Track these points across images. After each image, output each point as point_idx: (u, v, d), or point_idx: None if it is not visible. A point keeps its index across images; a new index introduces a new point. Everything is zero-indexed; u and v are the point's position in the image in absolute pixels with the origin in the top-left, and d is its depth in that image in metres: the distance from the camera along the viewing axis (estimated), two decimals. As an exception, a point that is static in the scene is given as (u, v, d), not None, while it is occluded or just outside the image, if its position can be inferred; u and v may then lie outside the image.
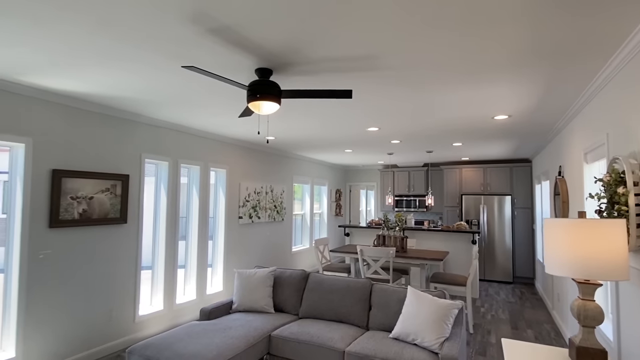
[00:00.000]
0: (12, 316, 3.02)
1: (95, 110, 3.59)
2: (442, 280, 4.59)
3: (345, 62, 2.44)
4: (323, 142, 5.85)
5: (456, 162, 8.27)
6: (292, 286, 3.63)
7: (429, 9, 1.76)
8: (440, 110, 3.70)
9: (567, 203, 3.95)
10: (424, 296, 2.91)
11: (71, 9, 1.78)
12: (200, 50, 2.28)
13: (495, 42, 2.11)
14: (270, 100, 2.51)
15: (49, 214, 3.22)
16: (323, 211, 8.90)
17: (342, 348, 2.75)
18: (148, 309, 4.23)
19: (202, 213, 4.98)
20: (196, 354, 2.50)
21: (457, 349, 2.50)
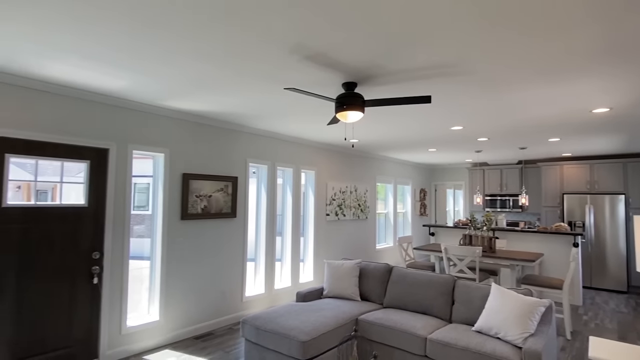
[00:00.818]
0: (157, 291, 3.88)
1: (212, 124, 4.37)
2: (535, 282, 4.41)
3: (424, 70, 2.66)
4: (405, 143, 6.00)
5: (556, 158, 7.61)
6: (377, 278, 3.92)
7: (513, 19, 1.91)
8: (528, 107, 3.62)
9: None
10: (508, 293, 2.95)
11: (203, 56, 2.37)
12: (295, 73, 2.74)
13: (576, 42, 2.13)
14: (355, 110, 2.86)
15: (180, 209, 4.05)
16: (407, 210, 8.95)
17: (425, 335, 2.96)
18: (252, 292, 4.93)
19: (295, 211, 5.57)
20: (295, 328, 2.96)
21: (542, 345, 2.52)
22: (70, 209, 3.23)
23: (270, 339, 3.00)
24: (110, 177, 3.46)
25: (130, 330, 3.60)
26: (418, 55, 2.39)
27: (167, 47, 2.31)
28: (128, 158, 3.60)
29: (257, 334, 3.10)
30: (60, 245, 3.15)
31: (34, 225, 3.02)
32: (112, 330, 3.46)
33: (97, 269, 3.36)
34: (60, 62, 2.58)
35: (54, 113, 3.13)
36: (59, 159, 3.17)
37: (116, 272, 3.50)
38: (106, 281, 3.42)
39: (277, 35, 2.11)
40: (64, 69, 2.71)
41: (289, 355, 2.87)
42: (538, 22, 1.92)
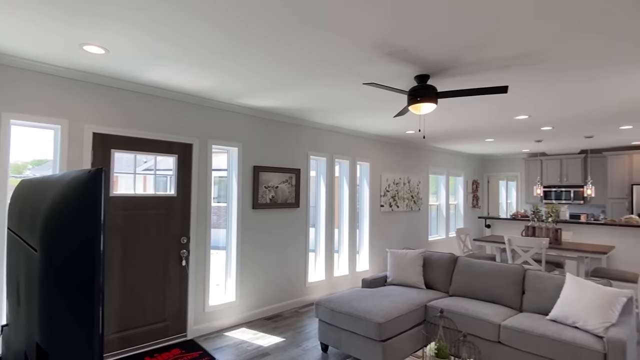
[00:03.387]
0: (233, 275, 4.21)
1: (278, 119, 4.61)
2: (606, 275, 4.27)
3: (499, 61, 2.69)
4: (465, 133, 5.94)
5: (624, 147, 7.16)
6: (442, 267, 3.99)
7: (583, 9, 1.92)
8: (603, 94, 3.50)
9: None
10: (586, 283, 2.93)
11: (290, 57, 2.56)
12: (372, 67, 2.86)
13: (675, 25, 2.08)
14: (428, 102, 2.94)
15: (252, 199, 4.35)
16: (459, 202, 8.82)
17: (498, 322, 3.01)
18: (314, 278, 5.17)
19: (352, 202, 5.73)
20: (370, 311, 3.13)
21: (626, 335, 2.50)
22: (163, 199, 3.60)
23: (345, 320, 3.19)
24: (194, 169, 3.80)
25: (212, 309, 3.95)
26: (496, 47, 2.42)
27: (257, 49, 2.52)
28: (208, 152, 3.93)
29: (332, 316, 3.31)
30: (155, 230, 3.53)
31: (134, 212, 3.41)
32: (197, 308, 3.83)
33: (185, 253, 3.72)
34: (158, 66, 2.89)
35: (147, 112, 3.49)
36: (153, 153, 3.53)
37: (200, 256, 3.85)
38: (192, 263, 3.78)
39: (363, 33, 2.25)
40: (160, 72, 3.03)
41: (365, 336, 3.05)
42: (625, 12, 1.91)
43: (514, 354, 2.89)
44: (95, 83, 3.17)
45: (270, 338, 3.80)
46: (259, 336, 3.84)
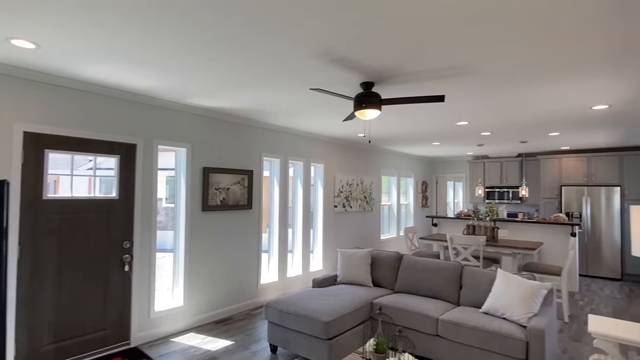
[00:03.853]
0: (181, 279, 4.11)
1: (230, 120, 4.56)
2: (535, 269, 4.68)
3: (439, 71, 2.87)
4: (411, 137, 6.21)
5: (555, 151, 7.86)
6: (388, 265, 4.17)
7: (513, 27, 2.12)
8: (533, 104, 3.84)
9: (680, 194, 3.75)
10: (513, 277, 3.20)
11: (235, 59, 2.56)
12: (318, 73, 2.93)
13: (578, 47, 2.35)
14: (373, 108, 3.06)
15: (201, 201, 4.26)
16: (409, 202, 9.21)
17: (436, 316, 3.21)
18: (266, 279, 5.17)
19: (306, 202, 5.79)
20: (317, 310, 3.21)
21: (545, 324, 2.77)
22: (104, 201, 3.43)
23: (294, 321, 3.24)
24: (139, 170, 3.66)
25: (158, 315, 3.83)
26: (435, 58, 2.59)
27: (201, 50, 2.50)
28: (154, 153, 3.80)
29: (281, 316, 3.34)
30: (95, 235, 3.36)
31: (71, 216, 3.22)
32: (141, 314, 3.69)
33: (128, 257, 3.58)
34: (95, 64, 2.76)
35: (87, 111, 3.31)
36: (92, 154, 3.36)
37: (144, 260, 3.72)
38: (136, 269, 3.64)
39: (308, 40, 2.31)
40: (101, 70, 2.90)
41: (312, 335, 3.12)
42: (543, 30, 2.13)
43: (451, 346, 3.09)
44: (26, 79, 2.96)
45: (219, 342, 3.75)
46: (207, 340, 3.79)
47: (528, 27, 2.08)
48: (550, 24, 2.03)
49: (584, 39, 2.23)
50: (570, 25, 2.05)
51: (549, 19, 1.98)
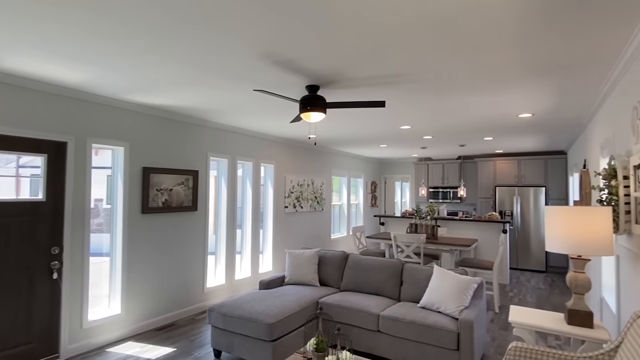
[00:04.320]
0: (118, 285, 3.88)
1: (173, 118, 4.39)
2: (470, 264, 5.03)
3: (381, 78, 2.99)
4: (360, 139, 6.39)
5: (490, 154, 8.48)
6: (334, 264, 4.26)
7: (449, 40, 2.27)
8: (466, 111, 4.13)
9: (589, 194, 4.24)
10: (447, 273, 3.42)
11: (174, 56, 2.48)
12: (263, 75, 2.93)
13: (503, 61, 2.57)
14: (318, 111, 3.12)
15: (141, 202, 4.06)
16: (359, 202, 9.46)
17: (378, 312, 3.34)
18: (213, 283, 5.05)
19: (255, 203, 5.73)
20: (262, 312, 3.20)
21: (474, 315, 3.00)
22: (28, 204, 3.15)
23: (238, 324, 3.20)
24: (70, 170, 3.40)
25: (92, 325, 3.59)
26: (376, 66, 2.70)
27: (137, 45, 2.39)
28: (87, 151, 3.56)
29: (225, 320, 3.29)
30: (17, 241, 3.07)
31: (-13, 220, 2.92)
32: (73, 325, 3.44)
33: (57, 264, 3.31)
34: (21, 55, 2.53)
35: (7, 105, 3.02)
36: (14, 152, 3.07)
37: (76, 267, 3.47)
38: (66, 276, 3.39)
39: (249, 42, 2.30)
40: (23, 61, 2.66)
41: (256, 338, 3.10)
42: (474, 43, 2.31)
43: (391, 341, 3.24)
44: None
45: (160, 349, 3.61)
46: (147, 349, 3.62)
47: (461, 40, 2.24)
48: (480, 38, 2.21)
49: (509, 54, 2.45)
50: (496, 40, 2.23)
51: (479, 33, 2.14)
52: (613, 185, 2.52)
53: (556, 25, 2.02)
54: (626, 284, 2.60)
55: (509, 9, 1.85)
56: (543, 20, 1.96)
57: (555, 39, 2.19)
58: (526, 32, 2.11)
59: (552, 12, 1.87)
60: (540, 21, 1.97)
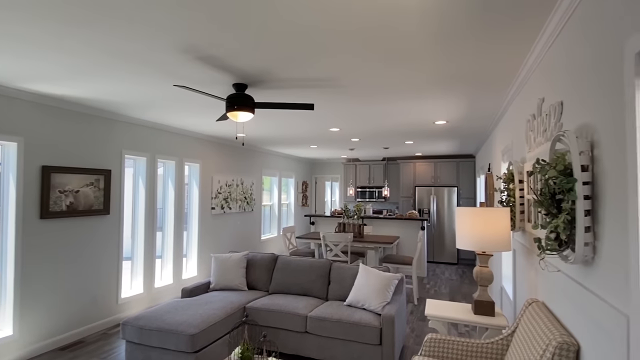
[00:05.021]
0: (9, 302, 3.35)
1: (81, 110, 3.91)
2: (392, 260, 5.33)
3: (309, 81, 3.00)
4: (290, 139, 6.38)
5: (411, 157, 9.09)
6: (263, 267, 4.19)
7: (374, 49, 2.36)
8: (389, 116, 4.35)
9: (492, 195, 4.77)
10: (371, 271, 3.58)
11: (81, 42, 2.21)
12: (185, 70, 2.75)
13: (421, 73, 2.76)
14: (245, 111, 3.02)
15: (39, 206, 3.55)
16: (290, 202, 9.46)
17: (305, 314, 3.36)
18: (129, 292, 4.63)
19: (178, 205, 5.39)
20: (183, 322, 3.01)
21: (395, 310, 3.18)
22: None
23: (156, 337, 2.97)
24: (-59, 170, 2.83)
25: (-28, 351, 3.05)
26: (305, 69, 2.70)
27: (38, 28, 2.08)
28: (-34, 147, 3.00)
29: (141, 334, 3.02)
30: None
31: None
32: (-55, 354, 2.88)
33: None
34: None
35: None
36: None
37: (-50, 285, 2.91)
38: (-64, 296, 2.82)
39: (166, 34, 2.13)
40: None
41: (176, 350, 2.91)
42: (394, 54, 2.43)
43: (318, 341, 3.28)
44: None
45: (63, 372, 3.20)
46: (46, 373, 3.18)
47: (382, 51, 2.34)
48: (401, 49, 2.32)
49: (426, 65, 2.63)
50: (415, 52, 2.38)
51: (398, 45, 2.25)
52: (511, 188, 2.85)
53: (466, 43, 2.22)
54: (521, 274, 2.97)
55: (425, 25, 1.98)
56: (455, 36, 2.13)
57: (466, 54, 2.40)
58: (441, 47, 2.28)
59: (461, 30, 2.04)
60: (453, 37, 2.15)
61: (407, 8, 1.80)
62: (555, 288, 1.92)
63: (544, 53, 2.14)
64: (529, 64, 2.45)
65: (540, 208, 1.60)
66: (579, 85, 1.58)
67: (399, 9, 1.80)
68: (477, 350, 2.27)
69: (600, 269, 1.35)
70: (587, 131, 1.48)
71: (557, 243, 1.52)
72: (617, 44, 1.22)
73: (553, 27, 1.89)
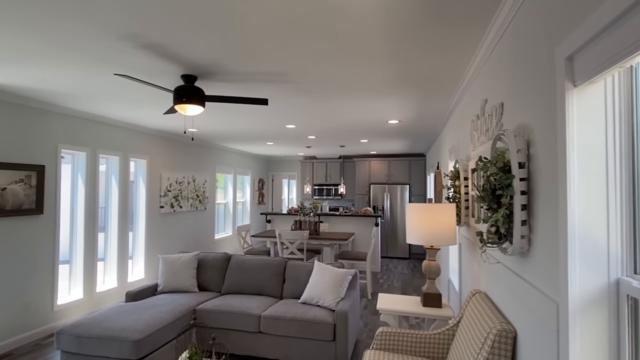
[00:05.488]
0: None
1: (10, 100, 3.53)
2: (347, 256, 5.40)
3: (263, 75, 2.93)
4: (245, 135, 6.24)
5: (366, 155, 9.28)
6: (215, 267, 4.05)
7: (328, 48, 2.34)
8: (344, 115, 4.39)
9: (441, 191, 4.99)
10: (326, 267, 3.59)
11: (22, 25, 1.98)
12: (129, 57, 2.57)
13: (374, 72, 2.80)
14: (195, 104, 2.89)
15: (-44, 205, 3.15)
16: (246, 200, 9.26)
17: (259, 313, 3.30)
18: (67, 298, 4.27)
19: (123, 204, 5.06)
20: (126, 328, 2.82)
21: (348, 306, 3.21)
22: None
23: (96, 345, 2.76)
24: None
25: None
26: (258, 63, 2.63)
27: (-54, 5, 1.82)
28: None
29: (79, 343, 2.79)
30: None
31: None
32: None
33: None
34: None
35: None
36: None
37: None
38: None
39: (106, 18, 1.97)
40: None
41: (119, 358, 2.72)
42: (350, 56, 2.45)
43: (272, 340, 3.23)
44: None
45: (-15, 390, 2.87)
46: (-36, 392, 2.84)
47: (334, 50, 2.34)
48: (352, 49, 2.33)
49: (376, 67, 2.67)
50: (364, 53, 2.40)
51: (350, 44, 2.26)
52: (457, 185, 2.99)
53: (416, 44, 2.28)
54: (466, 266, 3.13)
55: (376, 26, 2.00)
56: (406, 37, 2.18)
57: (416, 56, 2.47)
58: (392, 48, 2.33)
59: (411, 32, 2.10)
60: (404, 38, 2.19)
61: (357, 10, 1.80)
62: (496, 279, 2.03)
63: (487, 56, 2.26)
64: (474, 67, 2.58)
65: (482, 203, 1.68)
66: (517, 87, 1.68)
67: (349, 10, 1.80)
68: (425, 341, 2.36)
69: (535, 260, 1.44)
70: (524, 131, 1.58)
71: (497, 236, 1.61)
72: (550, 50, 1.30)
73: (494, 33, 1.99)
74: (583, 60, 1.07)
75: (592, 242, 1.11)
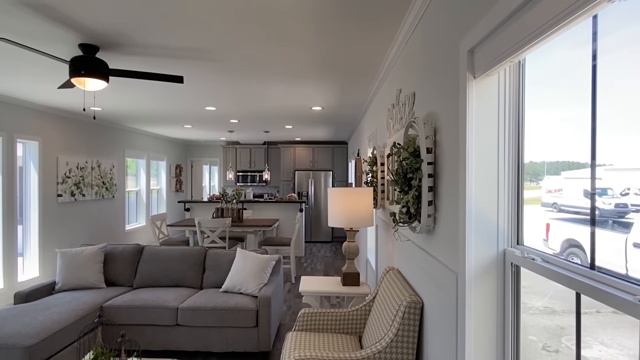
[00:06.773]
0: None
1: None
2: (271, 242, 5.39)
3: (177, 50, 2.70)
4: (159, 117, 5.76)
5: (291, 141, 9.28)
6: (126, 260, 3.71)
7: (251, 27, 2.24)
8: (267, 99, 4.30)
9: (361, 177, 5.23)
10: (249, 254, 3.53)
11: None
12: (13, 19, 2.16)
13: (298, 55, 2.78)
14: (96, 78, 2.56)
15: None
16: (161, 187, 8.63)
17: (176, 305, 3.12)
18: None
19: (7, 192, 4.33)
20: (16, 334, 2.45)
21: (271, 291, 3.22)
22: None
23: (-27, 357, 2.35)
24: None
25: None
26: (168, 36, 2.41)
27: None
28: None
29: (-52, 357, 2.35)
30: None
31: None
32: None
33: None
34: None
35: None
36: None
37: None
38: None
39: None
40: None
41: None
42: (272, 35, 2.38)
43: (191, 332, 3.10)
44: None
45: None
46: None
47: (255, 27, 2.25)
48: (273, 27, 2.27)
49: (299, 51, 2.64)
50: (286, 32, 2.36)
51: (271, 22, 2.20)
52: (374, 170, 3.15)
53: (338, 26, 2.30)
54: (382, 246, 3.34)
55: (298, 4, 1.97)
56: (328, 18, 2.19)
57: (338, 39, 2.51)
58: (314, 28, 2.32)
59: (333, 13, 2.11)
60: (326, 19, 2.20)
61: (280, -17, 1.75)
62: (407, 256, 2.20)
63: (402, 47, 2.39)
64: (390, 57, 2.71)
65: (396, 186, 1.79)
66: (427, 77, 1.80)
67: (272, -18, 1.74)
68: (344, 318, 2.47)
69: (439, 236, 1.59)
70: (432, 118, 1.70)
71: (407, 216, 1.73)
72: (455, 43, 1.42)
73: (409, 25, 2.11)
74: (481, 53, 1.18)
75: (486, 218, 1.25)
